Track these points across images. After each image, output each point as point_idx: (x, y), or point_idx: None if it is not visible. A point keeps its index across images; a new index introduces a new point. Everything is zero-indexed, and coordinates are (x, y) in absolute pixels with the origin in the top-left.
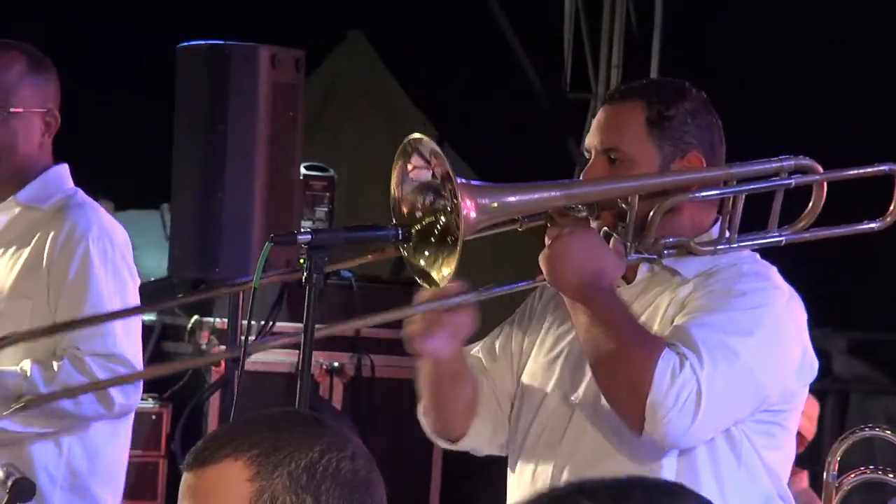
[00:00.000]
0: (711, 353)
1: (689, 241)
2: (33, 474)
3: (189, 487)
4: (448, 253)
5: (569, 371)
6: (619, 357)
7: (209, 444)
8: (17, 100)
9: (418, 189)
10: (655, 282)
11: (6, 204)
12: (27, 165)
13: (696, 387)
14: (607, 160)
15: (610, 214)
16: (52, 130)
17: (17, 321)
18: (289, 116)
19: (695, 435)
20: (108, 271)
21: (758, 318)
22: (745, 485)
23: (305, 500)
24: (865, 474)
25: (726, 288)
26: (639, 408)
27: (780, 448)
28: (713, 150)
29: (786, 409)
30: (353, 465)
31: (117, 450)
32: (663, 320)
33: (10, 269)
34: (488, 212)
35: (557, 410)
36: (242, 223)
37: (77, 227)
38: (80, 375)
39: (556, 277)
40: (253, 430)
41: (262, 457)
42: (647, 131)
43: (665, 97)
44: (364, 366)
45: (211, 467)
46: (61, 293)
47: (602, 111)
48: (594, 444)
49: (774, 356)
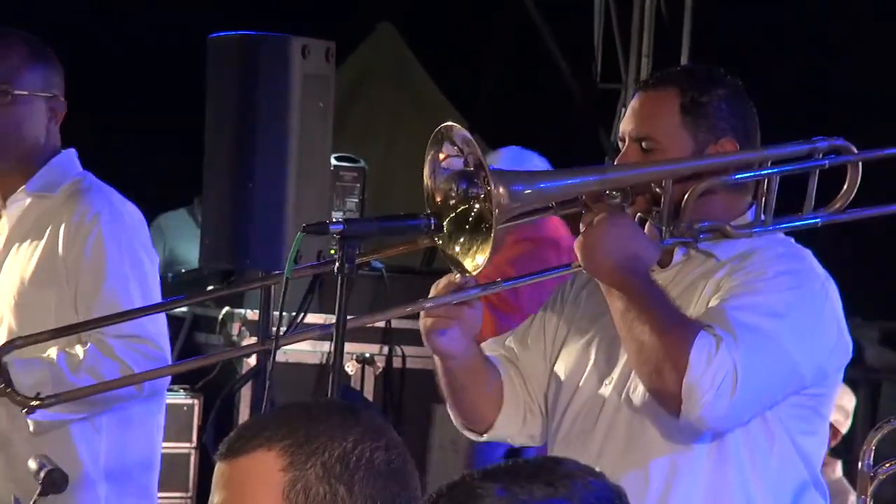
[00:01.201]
0: (747, 335)
1: (724, 224)
2: (77, 460)
3: (222, 477)
4: (482, 240)
5: (603, 356)
6: (655, 341)
7: (242, 434)
8: (19, 84)
9: (451, 177)
10: (691, 265)
11: (17, 195)
12: (34, 152)
13: (733, 368)
14: (640, 148)
15: (644, 200)
16: (58, 117)
17: (42, 311)
18: (319, 107)
19: (732, 416)
20: (123, 252)
21: (793, 300)
22: (779, 470)
23: (339, 490)
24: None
25: (762, 270)
26: (675, 390)
27: (814, 434)
28: (748, 137)
29: (821, 392)
30: (387, 456)
31: (157, 430)
32: (699, 303)
33: (28, 261)
34: (521, 198)
35: (592, 395)
36: (273, 214)
37: (88, 211)
38: (106, 358)
39: (591, 264)
40: (286, 419)
41: (295, 447)
42: (680, 119)
43: (699, 84)
44: (395, 356)
45: (244, 457)
46: (79, 279)
47: (636, 98)
48: (628, 428)
49: (809, 337)
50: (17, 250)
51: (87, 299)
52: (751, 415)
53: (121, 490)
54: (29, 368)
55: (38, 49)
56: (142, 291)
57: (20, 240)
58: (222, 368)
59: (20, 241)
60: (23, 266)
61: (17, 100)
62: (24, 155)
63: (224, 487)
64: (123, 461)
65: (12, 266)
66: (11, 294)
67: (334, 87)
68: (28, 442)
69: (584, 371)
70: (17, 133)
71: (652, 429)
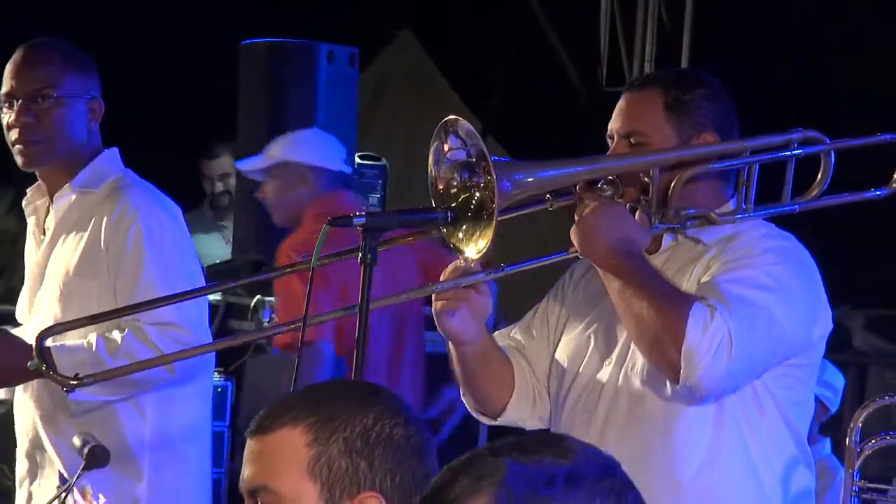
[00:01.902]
0: (739, 305)
1: (709, 211)
2: (123, 438)
3: (252, 453)
4: (484, 227)
5: (602, 338)
6: (653, 313)
7: (270, 412)
8: (61, 88)
9: (454, 167)
10: (679, 251)
11: (63, 191)
12: (79, 151)
13: (728, 334)
14: (628, 143)
15: (634, 190)
16: (97, 116)
17: (85, 300)
18: (344, 109)
19: (729, 380)
20: (161, 245)
21: (779, 274)
22: (769, 439)
23: (360, 464)
24: (885, 440)
25: (748, 247)
26: (675, 357)
27: (801, 404)
28: (728, 131)
29: (805, 363)
30: (406, 432)
31: (198, 412)
32: (690, 283)
33: (73, 252)
34: (521, 185)
35: (593, 376)
36: None
37: (129, 206)
38: (142, 344)
39: (588, 248)
40: (311, 399)
41: (319, 424)
42: (664, 115)
43: (681, 83)
44: None
45: (272, 434)
46: (119, 270)
47: (623, 99)
48: (629, 403)
49: (796, 307)
50: (63, 243)
51: (126, 289)
52: (745, 379)
53: (162, 466)
54: (70, 352)
55: (76, 55)
56: (178, 282)
57: (66, 232)
58: (253, 353)
59: (66, 233)
60: (68, 257)
61: (60, 102)
62: (70, 153)
63: (254, 462)
64: (166, 439)
65: (58, 257)
66: (57, 284)
67: (358, 91)
68: (74, 421)
69: (585, 354)
70: (62, 133)
71: (652, 401)
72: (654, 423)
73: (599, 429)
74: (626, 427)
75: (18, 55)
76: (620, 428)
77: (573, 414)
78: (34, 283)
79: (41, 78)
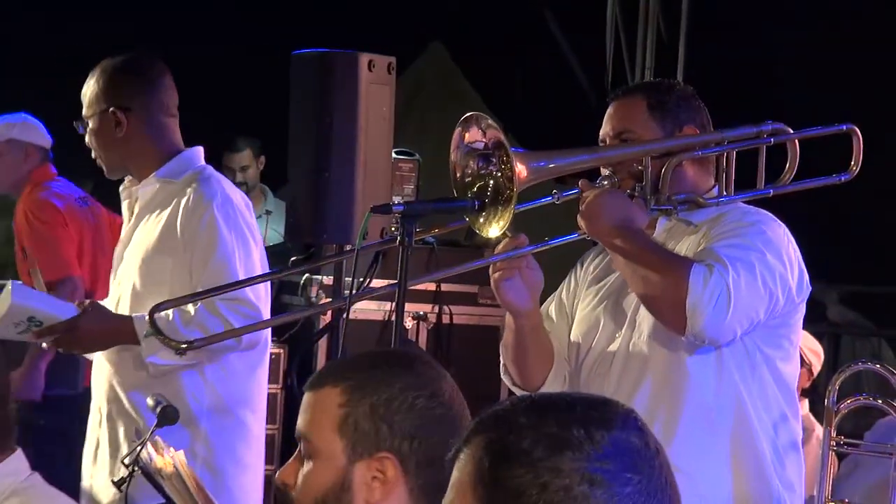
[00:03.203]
0: (733, 263)
1: (696, 196)
2: (184, 400)
3: (304, 404)
4: (502, 210)
5: (611, 314)
6: (657, 276)
7: (322, 372)
8: (138, 102)
9: (473, 155)
10: (673, 232)
11: (148, 180)
12: (161, 148)
13: (725, 287)
14: (620, 142)
15: (630, 179)
16: (174, 120)
17: (160, 275)
18: (382, 111)
19: (729, 328)
20: (231, 231)
21: (765, 240)
22: (761, 398)
23: (381, 427)
24: (859, 401)
25: (737, 221)
26: (680, 310)
27: (787, 361)
28: (704, 127)
29: (790, 322)
30: (429, 403)
31: (254, 378)
32: (687, 254)
33: (153, 232)
34: (534, 171)
35: (605, 347)
36: (345, 198)
37: (204, 195)
38: (213, 316)
39: (593, 228)
40: (354, 365)
41: (353, 388)
42: (649, 114)
43: (659, 89)
44: (444, 314)
45: (318, 391)
46: (194, 251)
47: (611, 106)
48: (639, 367)
49: (780, 268)
50: (145, 224)
51: (199, 267)
52: (742, 329)
53: (219, 426)
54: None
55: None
56: (245, 262)
57: (148, 214)
58: (304, 324)
59: (148, 215)
60: (148, 237)
61: (141, 112)
62: (154, 151)
63: (303, 413)
64: (223, 402)
65: (140, 236)
66: (137, 259)
67: (394, 95)
68: (146, 385)
69: (597, 330)
70: (149, 136)
71: (658, 363)
72: (661, 381)
73: (612, 392)
74: (636, 388)
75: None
76: (631, 389)
77: (588, 380)
78: (118, 258)
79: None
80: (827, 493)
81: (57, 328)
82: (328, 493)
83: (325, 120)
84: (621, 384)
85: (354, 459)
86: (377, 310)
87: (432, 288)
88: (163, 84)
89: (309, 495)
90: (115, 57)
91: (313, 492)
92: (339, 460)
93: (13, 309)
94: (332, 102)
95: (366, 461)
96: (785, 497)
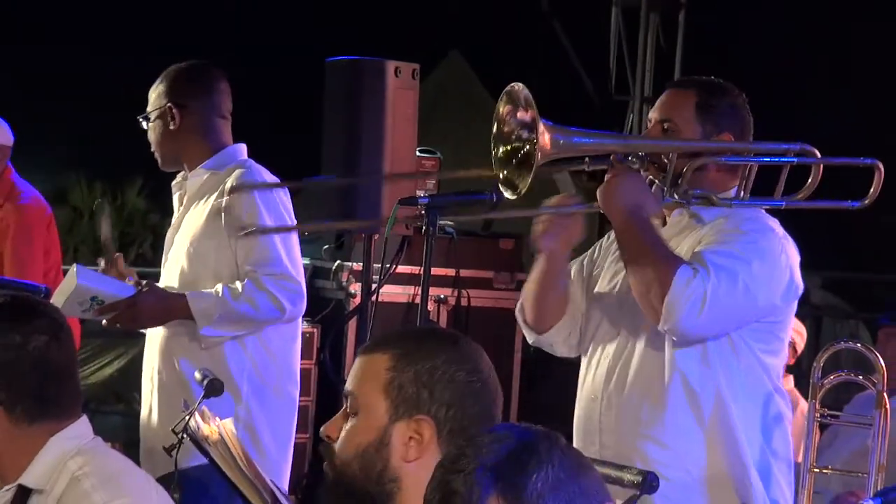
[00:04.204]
0: (717, 271)
1: (712, 194)
2: (227, 369)
3: (355, 366)
4: (525, 174)
5: (619, 293)
6: (649, 268)
7: (376, 339)
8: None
9: (515, 124)
10: (683, 224)
11: (197, 171)
12: (211, 143)
13: (703, 293)
14: (662, 129)
15: (655, 168)
16: (227, 119)
17: (206, 256)
18: (407, 113)
19: (699, 331)
20: (271, 214)
21: (755, 251)
22: (747, 380)
23: (422, 392)
24: (840, 376)
25: (735, 227)
26: (658, 305)
27: (774, 353)
28: (743, 135)
29: (777, 321)
30: (467, 377)
31: (290, 351)
32: (685, 250)
33: (200, 217)
34: (560, 147)
35: (614, 320)
36: (374, 191)
37: (246, 183)
38: (259, 290)
39: (607, 205)
40: (404, 337)
41: (402, 356)
42: (694, 112)
43: (713, 91)
44: (463, 297)
45: (369, 355)
46: (237, 233)
47: (665, 93)
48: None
49: (765, 280)
50: (194, 210)
51: (244, 248)
52: (716, 332)
53: (258, 392)
54: (202, 297)
55: (204, 71)
56: (284, 242)
57: (196, 202)
58: (335, 306)
59: (196, 203)
60: (196, 222)
61: (191, 112)
62: (204, 146)
63: (354, 373)
64: (263, 372)
65: (189, 222)
66: (186, 242)
67: (418, 98)
68: (196, 356)
69: (609, 301)
70: (200, 132)
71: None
72: (653, 368)
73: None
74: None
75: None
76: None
77: (598, 340)
78: (169, 242)
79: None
80: (812, 459)
81: (117, 306)
82: (368, 447)
83: (355, 121)
84: (621, 366)
85: (395, 419)
86: (402, 293)
87: (452, 273)
88: (217, 88)
89: (351, 447)
90: (181, 63)
91: (355, 444)
92: (382, 419)
93: (78, 289)
94: (362, 105)
95: (405, 422)
96: (772, 464)
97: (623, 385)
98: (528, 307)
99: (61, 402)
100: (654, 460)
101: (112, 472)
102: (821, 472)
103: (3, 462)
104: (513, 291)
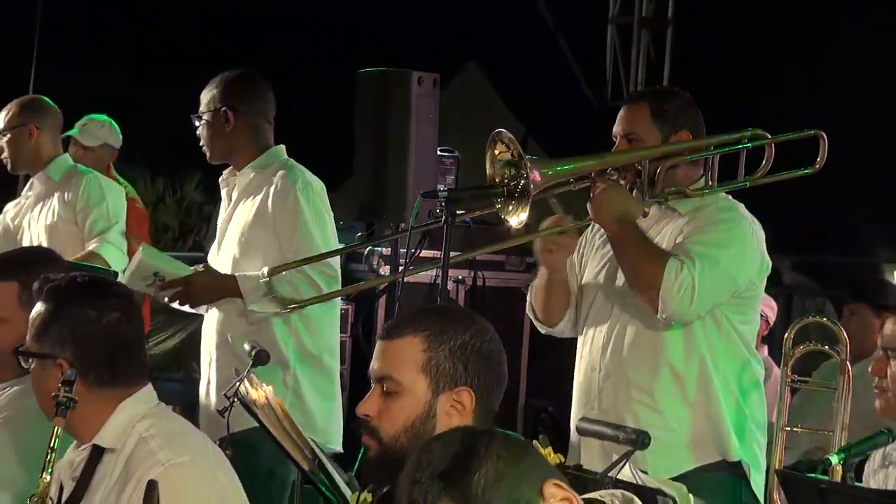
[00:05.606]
0: (701, 260)
1: (684, 188)
2: (275, 342)
3: (381, 351)
4: (523, 205)
5: (607, 276)
6: (640, 265)
7: (399, 322)
8: (244, 105)
9: (504, 165)
10: (662, 217)
11: (245, 170)
12: (255, 145)
13: (692, 282)
14: (627, 141)
15: (631, 175)
16: (271, 124)
17: (255, 245)
18: (429, 117)
19: (692, 313)
20: (312, 210)
21: (731, 237)
22: (726, 347)
23: (458, 367)
24: (809, 347)
25: (709, 219)
26: (654, 297)
27: (749, 322)
28: (697, 130)
29: (752, 295)
30: (491, 346)
31: (331, 328)
32: (668, 240)
33: (249, 212)
34: (548, 177)
35: (605, 299)
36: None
37: (289, 181)
38: (301, 275)
39: (598, 216)
40: (429, 316)
41: (433, 335)
42: (651, 120)
43: (662, 97)
44: (478, 278)
45: (398, 339)
46: (282, 226)
47: (622, 110)
48: (627, 325)
49: (742, 260)
50: (243, 205)
51: (287, 239)
52: (704, 311)
53: (303, 363)
54: (249, 278)
55: (256, 80)
56: (322, 234)
57: (245, 198)
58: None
59: (244, 199)
60: (245, 215)
61: (242, 115)
62: (251, 146)
63: (382, 358)
64: (307, 347)
65: (238, 216)
66: (237, 234)
67: (438, 105)
68: (245, 329)
69: (599, 287)
70: (248, 133)
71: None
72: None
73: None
74: (626, 343)
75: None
76: (622, 344)
77: (591, 321)
78: (220, 234)
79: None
80: (784, 419)
81: (176, 283)
82: (416, 421)
83: (383, 124)
84: (615, 340)
85: (438, 393)
86: (424, 275)
87: (468, 257)
88: (265, 95)
89: (398, 424)
90: (232, 70)
91: (402, 420)
92: (425, 395)
93: (142, 264)
94: (389, 110)
95: (447, 394)
96: (750, 425)
97: (618, 357)
98: (538, 308)
99: (129, 371)
100: (645, 422)
101: (175, 433)
102: (792, 430)
103: (78, 423)
104: (522, 273)
